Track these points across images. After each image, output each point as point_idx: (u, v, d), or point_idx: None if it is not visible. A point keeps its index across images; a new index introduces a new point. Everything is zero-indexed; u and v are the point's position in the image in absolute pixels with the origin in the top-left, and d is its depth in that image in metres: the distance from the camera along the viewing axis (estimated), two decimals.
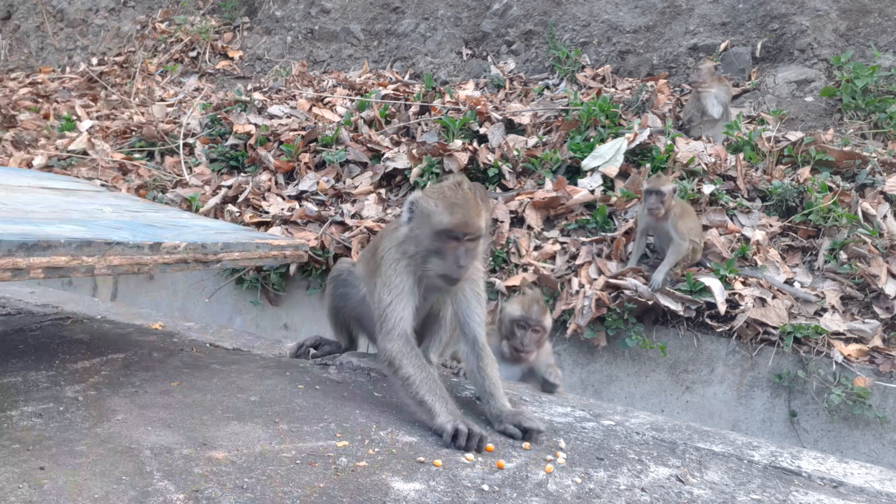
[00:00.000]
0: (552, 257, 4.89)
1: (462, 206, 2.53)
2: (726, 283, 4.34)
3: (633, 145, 5.46)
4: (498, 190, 5.53)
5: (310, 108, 7.17)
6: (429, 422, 2.47)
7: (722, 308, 4.15)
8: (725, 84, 5.87)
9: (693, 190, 5.01)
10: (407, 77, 7.99)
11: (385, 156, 6.10)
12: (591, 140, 5.67)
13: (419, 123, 6.60)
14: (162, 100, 8.36)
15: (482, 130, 6.12)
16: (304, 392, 2.84)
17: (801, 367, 3.96)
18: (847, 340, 4.03)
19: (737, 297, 4.23)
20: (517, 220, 5.28)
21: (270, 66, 8.97)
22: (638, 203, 4.86)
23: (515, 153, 5.73)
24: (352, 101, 7.25)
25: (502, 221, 5.19)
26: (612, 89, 6.76)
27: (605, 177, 5.32)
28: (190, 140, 7.04)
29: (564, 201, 5.17)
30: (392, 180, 5.99)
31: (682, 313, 4.22)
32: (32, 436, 2.19)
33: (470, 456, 2.33)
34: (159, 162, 6.87)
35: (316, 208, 5.59)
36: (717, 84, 5.78)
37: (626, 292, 4.33)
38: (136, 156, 6.97)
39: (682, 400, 4.25)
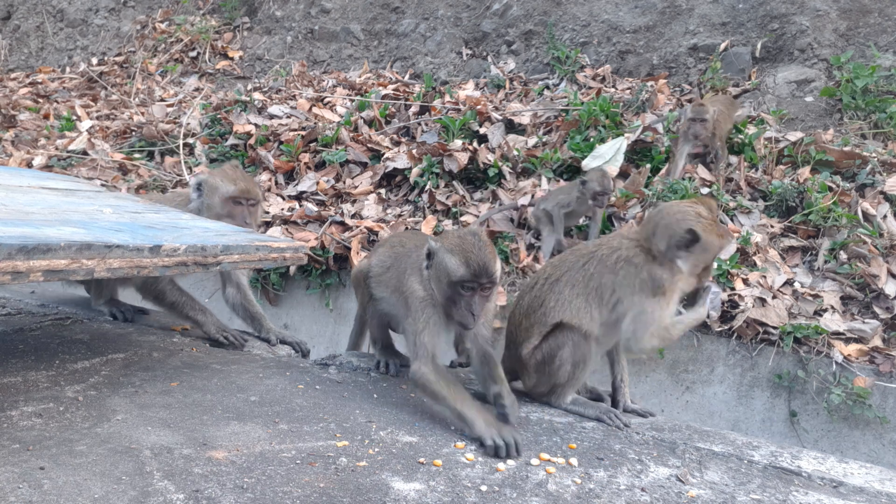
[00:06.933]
0: None
1: (477, 255, 2.64)
2: (727, 279, 4.34)
3: (631, 141, 5.47)
4: (500, 191, 5.53)
5: (310, 108, 7.17)
6: (469, 432, 2.55)
7: (714, 315, 4.15)
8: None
9: (693, 190, 5.00)
10: (407, 77, 7.99)
11: (385, 156, 6.10)
12: (592, 140, 5.67)
13: (419, 123, 6.60)
14: (162, 100, 8.36)
15: (482, 130, 6.12)
16: (304, 392, 2.84)
17: (801, 367, 3.96)
18: (847, 340, 4.03)
19: (737, 297, 4.23)
20: (519, 223, 5.28)
21: (270, 66, 8.97)
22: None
23: (515, 153, 5.74)
24: (352, 101, 7.25)
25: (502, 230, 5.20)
26: (612, 89, 6.76)
27: None
28: (190, 140, 7.04)
29: None
30: (392, 180, 5.99)
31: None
32: (32, 436, 2.19)
33: (470, 456, 2.33)
34: (159, 162, 6.87)
35: (316, 208, 5.59)
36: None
37: None
38: (136, 156, 6.97)
39: (682, 400, 4.25)
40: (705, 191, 5.04)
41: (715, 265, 4.13)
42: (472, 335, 2.86)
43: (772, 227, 4.82)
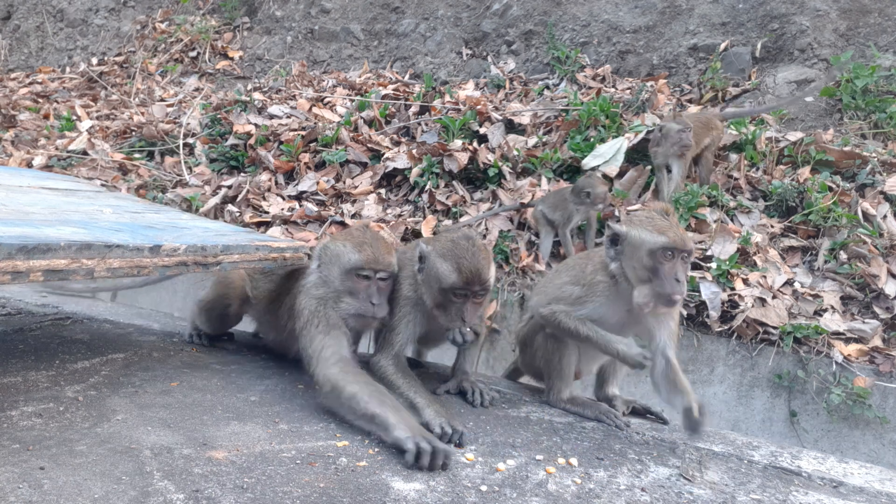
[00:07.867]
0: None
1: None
2: (727, 279, 4.33)
3: (633, 142, 5.47)
4: (500, 191, 5.52)
5: (310, 108, 7.17)
6: (419, 418, 2.48)
7: (714, 314, 4.15)
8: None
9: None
10: (407, 77, 7.99)
11: (385, 156, 6.10)
12: (592, 140, 5.67)
13: (419, 123, 6.60)
14: (162, 100, 8.36)
15: (482, 130, 6.12)
16: (304, 392, 2.84)
17: (801, 367, 3.96)
18: (847, 340, 4.03)
19: (737, 297, 4.23)
20: (520, 224, 5.28)
21: (270, 66, 8.97)
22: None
23: (515, 153, 5.73)
24: (352, 101, 7.25)
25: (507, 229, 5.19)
26: (612, 89, 6.76)
27: (605, 176, 5.32)
28: (190, 140, 7.04)
29: None
30: (392, 180, 5.99)
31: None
32: (32, 436, 2.19)
33: (470, 456, 2.33)
34: (159, 162, 6.87)
35: (316, 208, 5.59)
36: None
37: None
38: (136, 156, 6.97)
39: None
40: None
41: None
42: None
43: (772, 227, 4.82)
